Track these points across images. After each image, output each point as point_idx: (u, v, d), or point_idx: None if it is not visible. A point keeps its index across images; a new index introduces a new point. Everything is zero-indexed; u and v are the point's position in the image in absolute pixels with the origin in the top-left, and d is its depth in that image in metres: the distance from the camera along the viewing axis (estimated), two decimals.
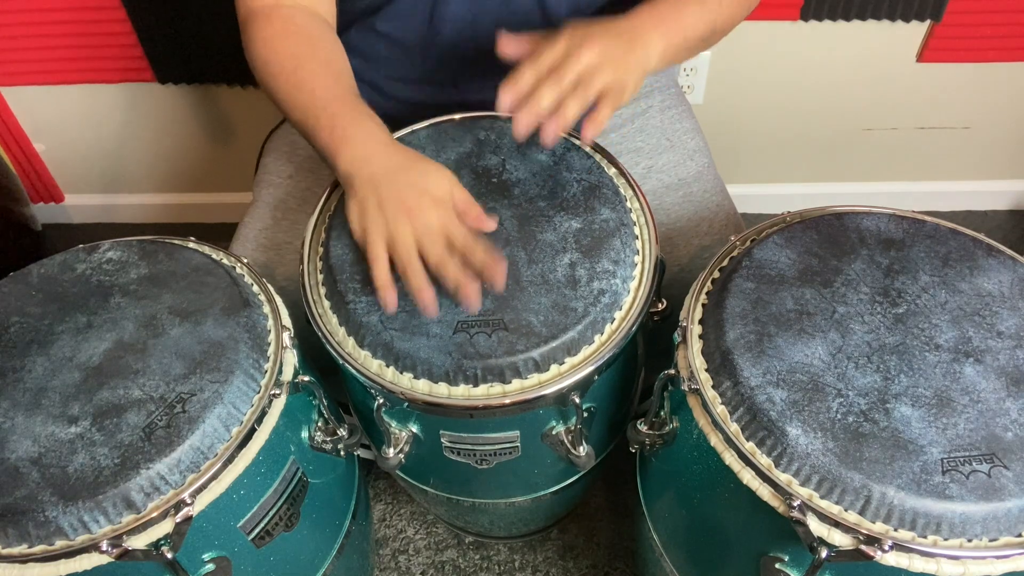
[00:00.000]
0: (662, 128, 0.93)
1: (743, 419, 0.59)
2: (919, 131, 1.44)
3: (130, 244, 0.73)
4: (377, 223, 0.66)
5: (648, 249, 0.72)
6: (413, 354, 0.64)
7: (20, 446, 0.58)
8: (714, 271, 0.69)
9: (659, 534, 0.78)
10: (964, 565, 0.52)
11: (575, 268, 0.68)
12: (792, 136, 1.45)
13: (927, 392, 0.58)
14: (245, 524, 0.65)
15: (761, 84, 1.36)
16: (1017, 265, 0.67)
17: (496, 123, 0.79)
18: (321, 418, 0.72)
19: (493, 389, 0.64)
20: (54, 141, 1.50)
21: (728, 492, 0.61)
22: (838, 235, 0.70)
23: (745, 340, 0.62)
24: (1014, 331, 0.62)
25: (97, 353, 0.64)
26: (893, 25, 1.26)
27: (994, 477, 0.54)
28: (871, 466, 0.54)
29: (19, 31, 1.29)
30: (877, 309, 0.64)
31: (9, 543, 0.56)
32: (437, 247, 0.65)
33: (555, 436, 0.70)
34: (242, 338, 0.65)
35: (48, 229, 1.63)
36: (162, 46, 1.29)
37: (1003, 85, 1.35)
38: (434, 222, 0.65)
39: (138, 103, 1.42)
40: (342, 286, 0.68)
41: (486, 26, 0.82)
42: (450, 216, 0.66)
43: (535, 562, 1.12)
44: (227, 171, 1.54)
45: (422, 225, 0.65)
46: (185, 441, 0.58)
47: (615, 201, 0.73)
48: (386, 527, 1.17)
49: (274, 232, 0.87)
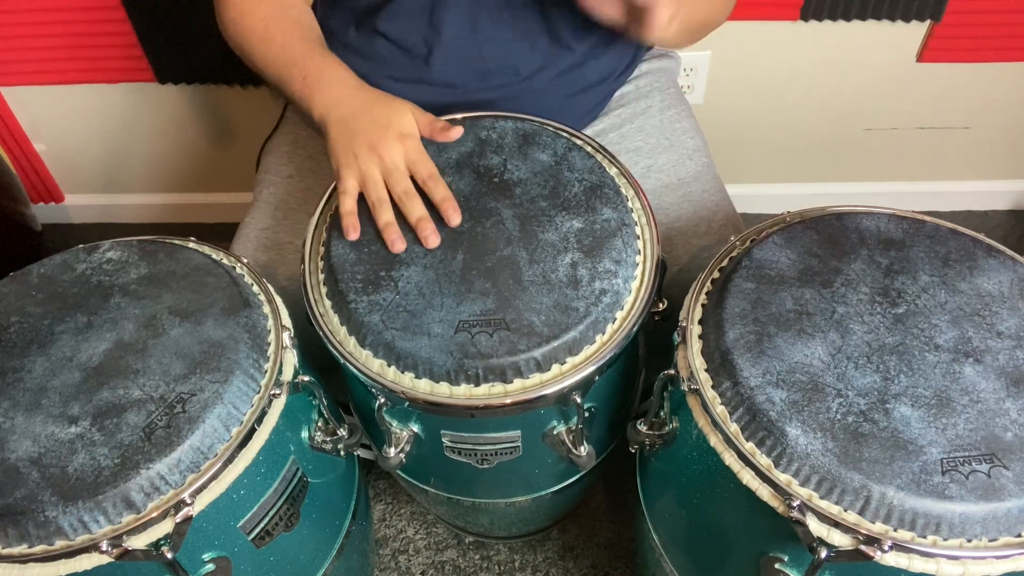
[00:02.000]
0: (661, 128, 0.93)
1: (743, 419, 0.59)
2: (919, 131, 1.44)
3: (130, 244, 0.73)
4: (349, 161, 0.72)
5: (649, 249, 0.72)
6: (414, 354, 0.64)
7: (20, 446, 0.58)
8: (714, 271, 0.69)
9: (659, 534, 0.78)
10: (964, 565, 0.53)
11: (577, 268, 0.68)
12: (792, 136, 1.45)
13: (927, 392, 0.58)
14: (245, 524, 0.65)
15: (761, 84, 1.36)
16: (1017, 265, 0.67)
17: (497, 123, 0.79)
18: (321, 418, 0.72)
19: (494, 389, 0.64)
20: (54, 141, 1.50)
21: (728, 492, 0.61)
22: (838, 235, 0.70)
23: (745, 340, 0.62)
24: (1014, 331, 0.62)
25: (97, 353, 0.64)
26: (893, 25, 1.26)
27: (994, 477, 0.54)
28: (871, 466, 0.54)
29: (19, 31, 1.29)
30: (877, 309, 0.64)
31: (9, 543, 0.56)
32: (402, 182, 0.72)
33: (556, 436, 0.70)
34: (242, 338, 0.65)
35: (48, 229, 1.63)
36: (162, 46, 1.29)
37: (1003, 85, 1.35)
38: (399, 158, 0.72)
39: (138, 103, 1.42)
40: (343, 286, 0.68)
41: (486, 27, 0.82)
42: (413, 148, 0.73)
43: (535, 562, 1.12)
44: (227, 171, 1.54)
45: (389, 161, 0.72)
46: (185, 441, 0.58)
47: (616, 201, 0.73)
48: (386, 527, 1.17)
49: (275, 232, 0.87)
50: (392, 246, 0.69)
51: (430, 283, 0.67)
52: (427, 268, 0.68)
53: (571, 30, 0.84)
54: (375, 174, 0.71)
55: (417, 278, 0.68)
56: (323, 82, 0.76)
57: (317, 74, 0.76)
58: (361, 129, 0.73)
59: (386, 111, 0.74)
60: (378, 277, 0.68)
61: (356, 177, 0.72)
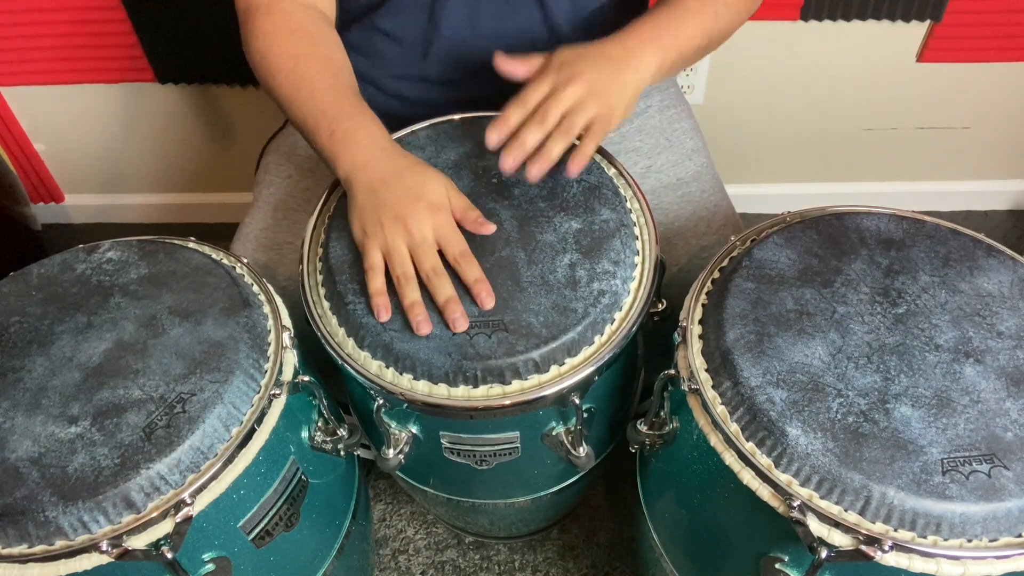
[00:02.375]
0: (661, 128, 0.93)
1: (743, 419, 0.59)
2: (919, 131, 1.44)
3: (130, 244, 0.73)
4: (375, 231, 0.67)
5: (648, 249, 0.72)
6: (413, 355, 0.64)
7: (20, 446, 0.58)
8: (714, 271, 0.69)
9: (659, 534, 0.78)
10: (964, 565, 0.52)
11: (575, 269, 0.68)
12: (792, 136, 1.45)
13: (927, 392, 0.58)
14: (245, 524, 0.65)
15: (761, 84, 1.36)
16: (1017, 265, 0.67)
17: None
18: (321, 418, 0.72)
19: (493, 390, 0.64)
20: (54, 141, 1.50)
21: (728, 492, 0.61)
22: (838, 235, 0.70)
23: (745, 340, 0.62)
24: (1014, 331, 0.62)
25: (97, 353, 0.64)
26: (893, 25, 1.26)
27: (994, 477, 0.54)
28: (871, 466, 0.54)
29: (19, 31, 1.29)
30: (877, 309, 0.64)
31: (9, 543, 0.56)
32: (430, 258, 0.66)
33: (555, 437, 0.70)
34: (242, 338, 0.65)
35: (48, 229, 1.63)
36: (162, 46, 1.29)
37: (1003, 85, 1.35)
38: (428, 231, 0.66)
39: (138, 103, 1.42)
40: (342, 287, 0.68)
41: (486, 24, 0.82)
42: (445, 222, 0.67)
43: (535, 562, 1.12)
44: (227, 171, 1.54)
45: (418, 234, 0.66)
46: (185, 441, 0.58)
47: (615, 201, 0.73)
48: (386, 527, 1.17)
49: (275, 232, 0.87)
50: (418, 328, 0.64)
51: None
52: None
53: (571, 27, 0.84)
54: (401, 247, 0.66)
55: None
56: (353, 143, 0.70)
57: (347, 131, 0.70)
58: (390, 199, 0.67)
59: (419, 181, 0.68)
60: None
61: (381, 248, 0.66)
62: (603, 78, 0.69)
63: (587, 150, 0.69)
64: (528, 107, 0.68)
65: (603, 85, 0.69)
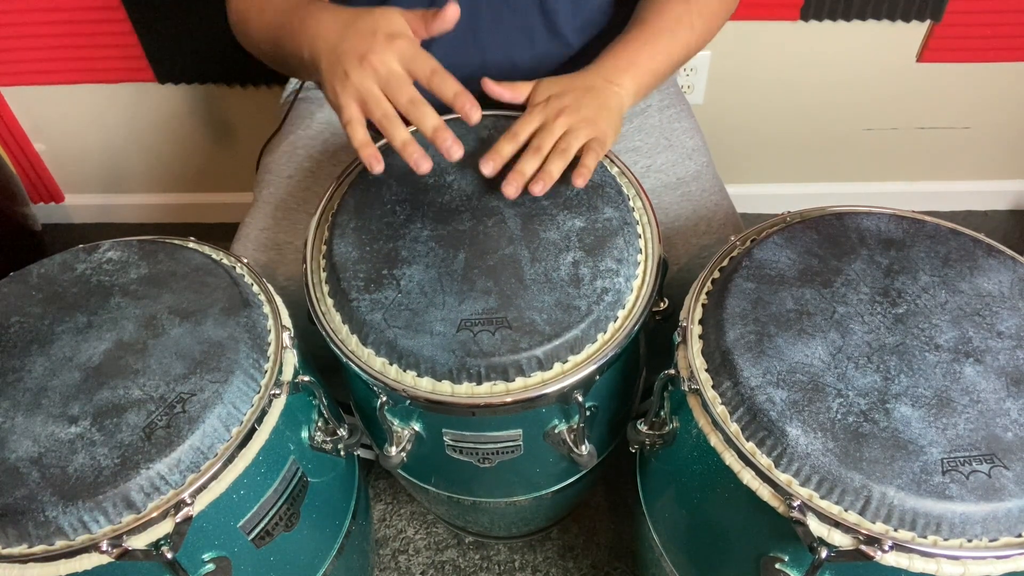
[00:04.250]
0: (661, 127, 0.93)
1: (743, 419, 0.59)
2: (919, 131, 1.44)
3: (130, 244, 0.73)
4: (343, 83, 0.64)
5: (651, 248, 0.72)
6: (416, 352, 0.64)
7: (20, 446, 0.58)
8: (714, 271, 0.69)
9: (659, 534, 0.78)
10: (964, 565, 0.52)
11: (578, 267, 0.68)
12: (792, 136, 1.45)
13: (927, 392, 0.58)
14: (245, 524, 0.65)
15: (761, 84, 1.36)
16: (1017, 265, 0.67)
17: (498, 122, 0.79)
18: (321, 418, 0.72)
19: (496, 387, 0.64)
20: (54, 141, 1.50)
21: (728, 492, 0.61)
22: (838, 235, 0.70)
23: (745, 340, 0.62)
24: (1014, 331, 0.62)
25: (97, 353, 0.64)
26: (893, 25, 1.26)
27: (994, 477, 0.54)
28: (871, 466, 0.54)
29: (19, 31, 1.29)
30: (877, 309, 0.64)
31: (9, 543, 0.56)
32: (405, 89, 0.63)
33: (557, 435, 0.70)
34: (242, 338, 0.65)
35: (48, 229, 1.63)
36: (162, 46, 1.29)
37: (1003, 85, 1.35)
38: (393, 62, 0.63)
39: (138, 103, 1.42)
40: (345, 284, 0.68)
41: (485, 22, 0.82)
42: (408, 47, 0.64)
43: (535, 562, 1.12)
44: (227, 171, 1.54)
45: (383, 68, 0.63)
46: (185, 441, 0.58)
47: (618, 200, 0.73)
48: (386, 527, 1.17)
49: (275, 232, 0.87)
50: (417, 167, 0.62)
51: (432, 281, 0.67)
52: (429, 267, 0.68)
53: (570, 24, 0.84)
54: (373, 88, 0.63)
55: (419, 276, 0.68)
56: (309, 18, 0.68)
57: (305, 18, 0.68)
58: (347, 47, 0.64)
59: (371, 18, 0.65)
60: (380, 275, 0.68)
61: (354, 98, 0.63)
62: (590, 106, 0.71)
63: (589, 163, 0.69)
64: (519, 140, 0.69)
65: (590, 113, 0.70)
